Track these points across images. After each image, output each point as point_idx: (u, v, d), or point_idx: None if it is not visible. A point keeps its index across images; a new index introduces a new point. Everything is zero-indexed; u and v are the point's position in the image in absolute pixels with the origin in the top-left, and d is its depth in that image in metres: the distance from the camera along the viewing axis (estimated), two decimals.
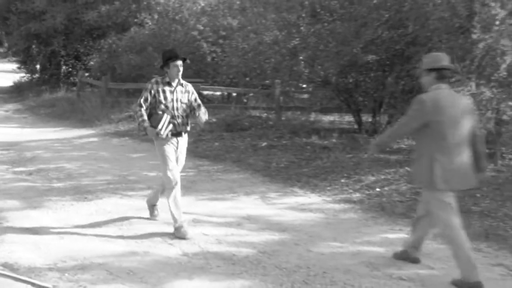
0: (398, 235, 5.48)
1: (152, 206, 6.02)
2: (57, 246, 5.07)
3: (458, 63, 7.92)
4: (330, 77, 10.66)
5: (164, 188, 5.59)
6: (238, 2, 15.14)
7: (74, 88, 20.16)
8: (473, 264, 4.15)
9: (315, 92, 11.84)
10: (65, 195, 7.06)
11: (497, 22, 7.26)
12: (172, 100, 5.49)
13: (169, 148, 5.48)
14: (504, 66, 7.28)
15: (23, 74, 24.15)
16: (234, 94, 16.59)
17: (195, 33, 16.49)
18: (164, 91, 5.49)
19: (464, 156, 4.27)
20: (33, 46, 23.06)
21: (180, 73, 5.51)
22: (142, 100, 5.49)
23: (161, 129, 5.31)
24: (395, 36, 9.14)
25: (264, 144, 7.46)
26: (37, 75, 23.87)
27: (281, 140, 10.57)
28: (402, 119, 4.66)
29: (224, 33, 16.32)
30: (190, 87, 5.67)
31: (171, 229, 5.52)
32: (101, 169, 8.90)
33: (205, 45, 16.44)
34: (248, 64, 13.16)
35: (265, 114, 13.57)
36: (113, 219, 6.00)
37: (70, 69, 23.59)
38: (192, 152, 10.48)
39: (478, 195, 6.67)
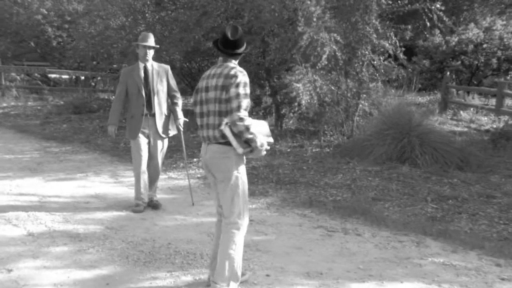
0: None
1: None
2: None
3: (288, 52, 8.29)
4: (175, 62, 10.59)
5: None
6: None
7: None
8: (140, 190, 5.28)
9: None
10: None
11: (315, 19, 7.67)
12: None
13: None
14: (324, 56, 7.73)
15: None
16: (82, 78, 15.84)
17: (39, 17, 15.43)
18: None
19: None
20: None
21: None
22: (248, 103, 3.25)
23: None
24: None
25: None
26: None
27: None
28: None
29: (69, 18, 15.46)
30: None
31: (14, 210, 5.12)
32: None
33: (50, 29, 15.48)
34: (95, 49, 12.62)
35: (113, 97, 13.12)
36: None
37: None
38: (39, 134, 9.84)
39: (304, 167, 7.07)
